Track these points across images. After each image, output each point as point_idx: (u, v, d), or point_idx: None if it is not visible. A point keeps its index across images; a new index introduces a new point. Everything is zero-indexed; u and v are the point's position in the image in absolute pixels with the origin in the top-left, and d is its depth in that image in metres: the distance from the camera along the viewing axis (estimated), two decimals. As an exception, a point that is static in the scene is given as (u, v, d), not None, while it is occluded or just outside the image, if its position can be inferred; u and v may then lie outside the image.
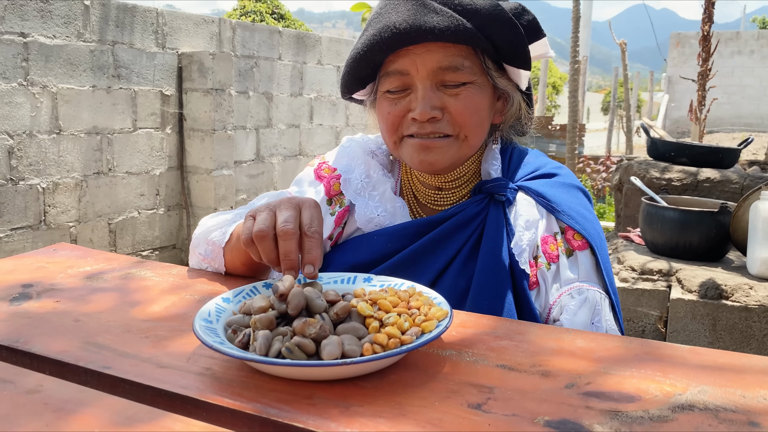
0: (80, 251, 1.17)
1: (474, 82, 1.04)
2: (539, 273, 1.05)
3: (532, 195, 1.10)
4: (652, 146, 3.29)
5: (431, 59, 1.02)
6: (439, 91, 1.03)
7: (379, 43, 1.01)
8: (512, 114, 1.14)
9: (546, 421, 0.58)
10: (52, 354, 0.73)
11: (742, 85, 16.46)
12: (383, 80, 1.07)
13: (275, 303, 0.71)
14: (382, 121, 1.09)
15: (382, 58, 1.05)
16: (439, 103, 1.03)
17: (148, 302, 0.90)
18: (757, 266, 2.31)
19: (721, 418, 0.58)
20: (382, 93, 1.08)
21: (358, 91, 1.14)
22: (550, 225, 1.08)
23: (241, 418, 0.60)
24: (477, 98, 1.05)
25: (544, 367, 0.69)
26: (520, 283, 1.03)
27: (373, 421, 0.58)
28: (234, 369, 0.68)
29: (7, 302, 0.90)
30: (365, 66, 1.06)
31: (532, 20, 1.08)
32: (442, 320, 0.71)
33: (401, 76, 1.04)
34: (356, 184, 1.15)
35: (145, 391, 0.65)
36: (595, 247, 1.06)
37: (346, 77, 1.11)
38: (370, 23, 1.06)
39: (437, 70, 1.02)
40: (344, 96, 1.19)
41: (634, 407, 0.60)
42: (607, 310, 1.03)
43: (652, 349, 0.74)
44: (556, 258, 1.06)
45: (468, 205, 1.08)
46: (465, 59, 1.03)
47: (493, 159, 1.13)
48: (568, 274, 1.05)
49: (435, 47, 1.01)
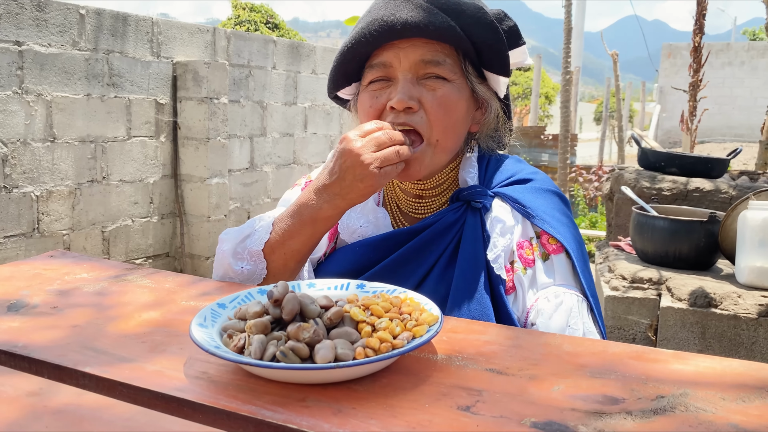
0: (76, 258, 1.18)
1: (453, 82, 1.08)
2: (516, 278, 1.07)
3: (508, 201, 1.12)
4: (643, 156, 3.32)
5: (414, 52, 1.06)
6: (418, 85, 1.07)
7: (367, 36, 1.06)
8: (490, 122, 1.17)
9: (532, 422, 0.60)
10: (50, 358, 0.75)
11: (732, 96, 16.62)
12: (367, 72, 1.11)
13: (270, 308, 0.73)
14: (364, 115, 1.11)
15: (369, 51, 1.09)
16: (417, 94, 1.06)
17: (143, 308, 0.92)
18: (746, 275, 2.34)
19: (701, 419, 0.60)
20: (364, 87, 1.12)
21: (343, 87, 1.18)
22: (525, 230, 1.10)
23: (237, 420, 0.62)
24: (453, 98, 1.08)
25: (532, 371, 0.71)
26: (496, 288, 1.05)
27: (365, 422, 0.60)
28: (230, 373, 0.70)
29: (5, 308, 0.91)
30: (351, 59, 1.10)
31: (513, 26, 1.12)
32: (432, 325, 0.73)
33: (384, 68, 1.08)
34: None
35: (143, 394, 0.67)
36: (571, 251, 1.07)
37: (334, 72, 1.15)
38: (359, 21, 1.11)
39: (419, 62, 1.06)
40: (331, 93, 1.22)
41: (618, 409, 0.62)
42: (585, 313, 1.04)
43: (636, 353, 0.76)
44: (532, 262, 1.08)
45: (446, 213, 1.11)
46: (447, 57, 1.07)
47: (469, 167, 1.16)
48: (544, 278, 1.07)
49: (419, 42, 1.06)
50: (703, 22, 5.65)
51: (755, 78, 16.45)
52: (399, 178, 1.10)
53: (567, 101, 6.04)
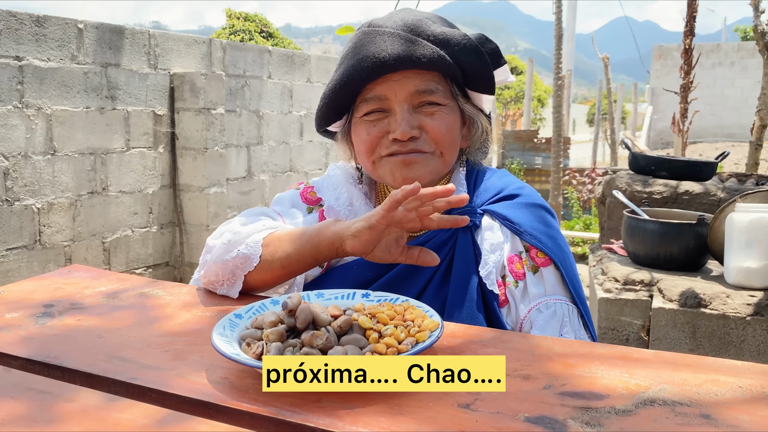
0: (94, 272, 1.24)
1: (447, 105, 1.15)
2: (508, 291, 1.13)
3: (497, 218, 1.17)
4: (634, 161, 3.40)
5: (408, 84, 1.12)
6: (416, 113, 1.13)
7: (360, 72, 1.10)
8: (478, 138, 1.24)
9: (526, 417, 0.66)
10: (82, 367, 0.81)
11: (723, 96, 16.78)
12: (361, 106, 1.15)
13: (284, 318, 0.79)
14: (360, 144, 1.17)
15: (361, 87, 1.14)
16: (417, 123, 1.12)
17: (164, 319, 0.98)
18: (734, 275, 2.41)
19: (677, 411, 0.67)
20: (358, 118, 1.17)
21: (335, 122, 1.22)
22: (515, 245, 1.16)
23: (259, 420, 0.68)
24: (450, 119, 1.15)
25: (525, 371, 0.78)
26: (489, 303, 1.11)
27: (375, 420, 0.66)
28: (249, 377, 0.76)
29: (33, 321, 0.98)
30: (344, 95, 1.15)
31: (494, 48, 1.19)
32: (434, 331, 0.79)
33: (379, 101, 1.13)
34: (339, 210, 1.23)
35: (171, 399, 0.73)
36: (558, 263, 1.13)
37: (324, 108, 1.19)
38: (346, 56, 1.15)
39: (414, 93, 1.12)
40: (320, 128, 1.26)
41: (603, 404, 0.69)
42: (576, 320, 1.11)
43: (620, 353, 0.83)
44: (523, 276, 1.14)
45: (438, 233, 1.15)
46: (438, 84, 1.14)
47: (458, 185, 1.22)
48: (534, 290, 1.12)
49: (411, 74, 1.12)
50: (693, 25, 5.75)
51: (746, 78, 16.61)
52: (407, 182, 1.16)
53: (559, 106, 6.13)
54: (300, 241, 1.05)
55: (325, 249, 1.04)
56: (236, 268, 1.07)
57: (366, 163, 1.19)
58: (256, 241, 1.08)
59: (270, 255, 1.07)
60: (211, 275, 1.09)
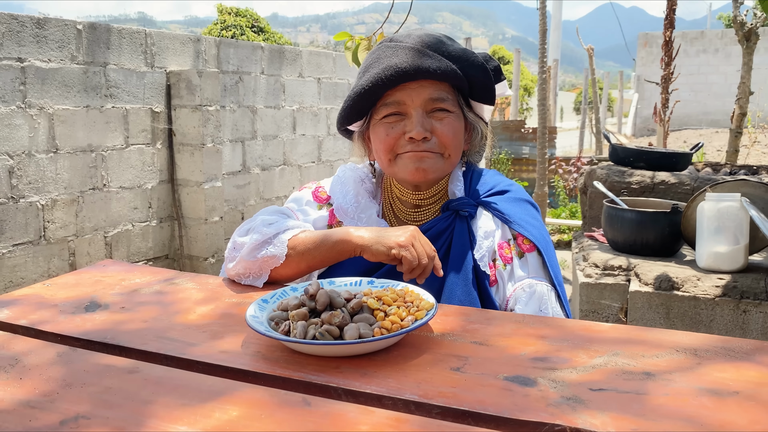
0: (126, 266, 1.40)
1: (454, 113, 1.34)
2: (497, 273, 1.32)
3: (490, 209, 1.38)
4: (614, 152, 3.58)
5: (424, 92, 1.30)
6: (428, 117, 1.32)
7: (383, 80, 1.28)
8: (477, 142, 1.44)
9: (505, 376, 0.83)
10: (136, 345, 0.97)
11: (707, 83, 17.00)
12: (381, 109, 1.33)
13: (306, 301, 0.96)
14: (380, 143, 1.35)
15: (383, 92, 1.31)
16: (429, 126, 1.31)
17: (196, 305, 1.14)
18: (704, 260, 2.60)
19: (626, 370, 0.84)
20: (378, 120, 1.35)
21: (356, 122, 1.40)
22: (504, 233, 1.36)
23: (290, 382, 0.84)
24: (456, 125, 1.34)
25: (505, 342, 0.94)
26: (482, 282, 1.29)
27: (384, 381, 0.83)
28: (278, 351, 0.92)
29: (83, 309, 1.13)
30: (368, 99, 1.33)
31: (496, 66, 1.38)
32: (429, 311, 0.96)
33: (398, 105, 1.32)
34: (347, 208, 1.41)
35: (215, 369, 0.89)
36: (541, 249, 1.33)
37: (349, 110, 1.37)
38: (370, 65, 1.33)
39: (428, 100, 1.30)
40: (341, 128, 1.44)
41: (566, 366, 0.86)
42: (553, 300, 1.30)
43: (584, 326, 1.00)
44: (510, 260, 1.33)
45: (438, 222, 1.35)
46: (448, 94, 1.33)
47: (457, 181, 1.41)
48: (520, 272, 1.32)
49: (427, 83, 1.30)
50: (673, 17, 5.94)
51: (729, 65, 16.83)
52: (416, 177, 1.32)
53: (544, 99, 6.30)
54: (324, 246, 1.22)
55: (345, 254, 1.22)
56: (264, 263, 1.23)
57: (383, 160, 1.36)
58: (283, 242, 1.24)
59: (296, 254, 1.23)
60: (240, 269, 1.25)
